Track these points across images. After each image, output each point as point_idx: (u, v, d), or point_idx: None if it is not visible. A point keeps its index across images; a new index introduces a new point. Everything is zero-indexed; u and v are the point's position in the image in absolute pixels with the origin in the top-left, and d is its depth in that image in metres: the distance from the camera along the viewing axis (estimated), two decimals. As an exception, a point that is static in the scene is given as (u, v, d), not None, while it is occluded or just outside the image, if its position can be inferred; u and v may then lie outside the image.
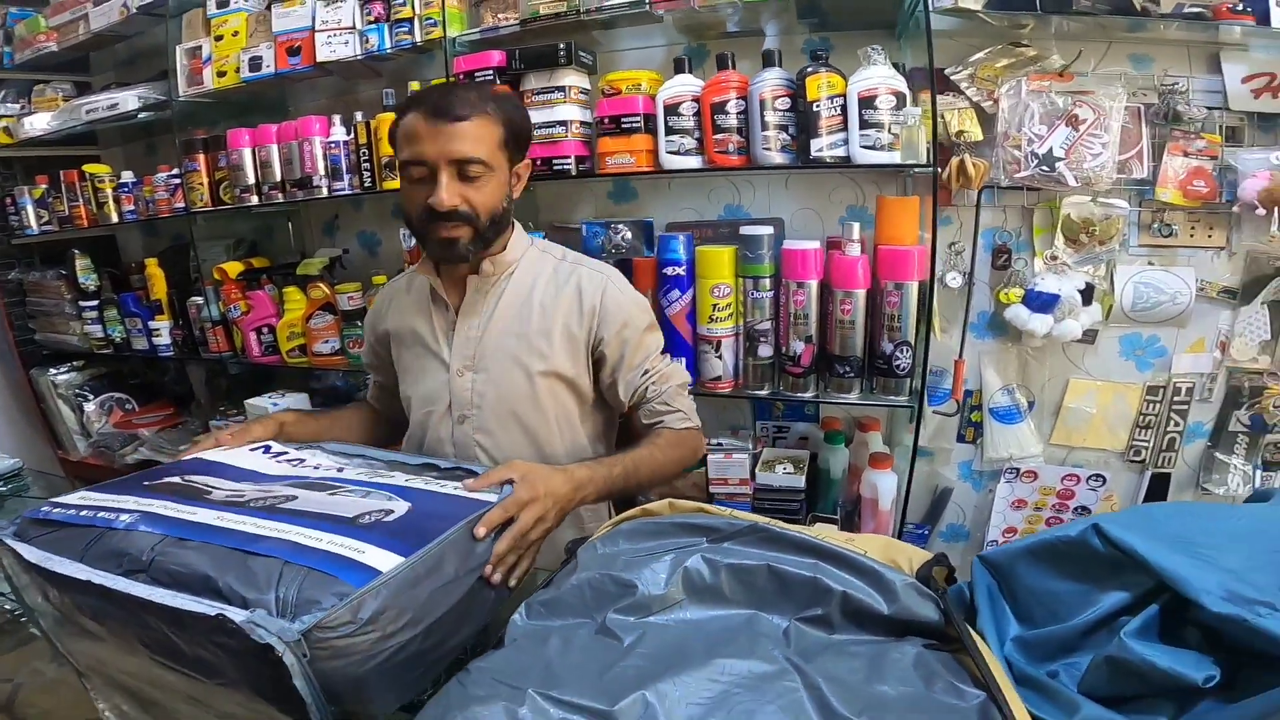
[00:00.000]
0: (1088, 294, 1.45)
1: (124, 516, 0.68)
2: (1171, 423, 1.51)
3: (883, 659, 0.60)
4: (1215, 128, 1.39)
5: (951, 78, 1.48)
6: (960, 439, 1.68)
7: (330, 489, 0.79)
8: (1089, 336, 1.51)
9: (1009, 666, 0.64)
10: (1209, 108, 1.40)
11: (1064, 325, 1.44)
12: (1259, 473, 1.47)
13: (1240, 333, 1.43)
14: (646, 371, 1.11)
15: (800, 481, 1.54)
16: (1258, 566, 0.60)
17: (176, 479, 0.81)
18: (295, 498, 0.75)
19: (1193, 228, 1.43)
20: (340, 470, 0.86)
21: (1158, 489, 1.55)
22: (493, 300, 1.11)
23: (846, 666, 0.59)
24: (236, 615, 0.54)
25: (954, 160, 1.45)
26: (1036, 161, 1.41)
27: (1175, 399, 1.50)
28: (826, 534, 0.73)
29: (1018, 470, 1.63)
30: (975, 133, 1.46)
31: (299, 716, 0.56)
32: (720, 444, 1.59)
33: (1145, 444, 1.54)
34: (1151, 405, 1.52)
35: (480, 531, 0.73)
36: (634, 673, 0.57)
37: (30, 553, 0.67)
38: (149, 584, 0.60)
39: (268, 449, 0.95)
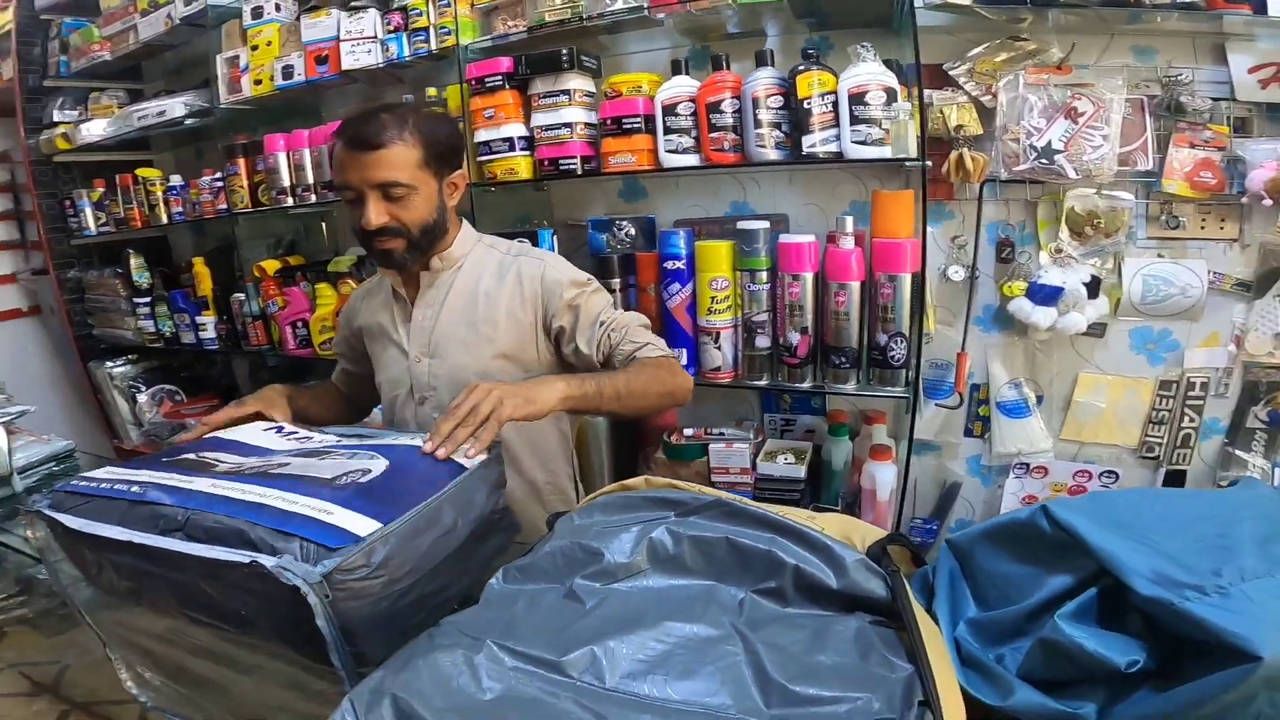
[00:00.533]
0: (1094, 287, 1.42)
1: (135, 488, 0.76)
2: (1186, 419, 1.47)
3: (826, 631, 0.62)
4: (1222, 119, 1.35)
5: (950, 73, 1.47)
6: (968, 433, 1.67)
7: (322, 455, 0.85)
8: (1097, 330, 1.48)
9: (957, 648, 0.65)
10: (1215, 99, 1.36)
11: (1068, 318, 1.42)
12: (1277, 469, 1.42)
13: (1255, 326, 1.38)
14: (603, 323, 1.16)
15: (800, 472, 1.56)
16: (1198, 550, 0.60)
17: (191, 455, 0.89)
18: (288, 464, 0.81)
19: (1203, 220, 1.40)
20: (339, 439, 0.93)
21: (1173, 486, 1.51)
22: (443, 292, 1.21)
23: (791, 637, 0.61)
24: (267, 561, 0.60)
25: (953, 154, 1.45)
26: (1035, 154, 1.39)
27: (1189, 394, 1.46)
28: (790, 512, 0.76)
29: (1027, 465, 1.60)
30: (974, 127, 1.46)
31: (319, 658, 0.62)
32: (722, 434, 1.62)
33: (1159, 440, 1.50)
34: (1164, 401, 1.48)
35: (427, 446, 0.82)
36: (588, 631, 0.61)
37: (73, 521, 0.72)
38: (185, 541, 0.67)
39: (280, 429, 1.03)
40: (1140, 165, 1.39)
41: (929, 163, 1.37)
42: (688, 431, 1.64)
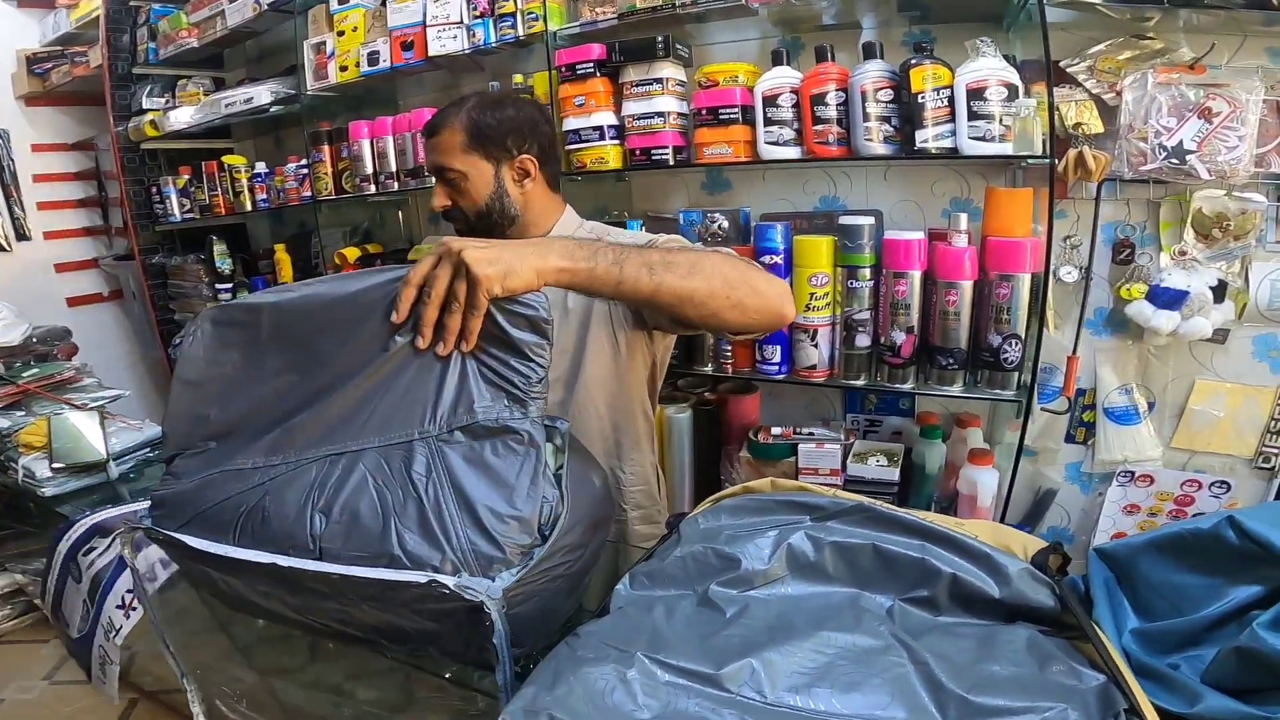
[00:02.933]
0: (1220, 291, 1.36)
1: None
2: (1309, 429, 1.40)
3: (993, 640, 0.59)
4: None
5: (1068, 70, 1.42)
6: (1069, 439, 1.61)
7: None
8: (1219, 336, 1.42)
9: (1126, 658, 0.63)
10: None
11: (1192, 323, 1.36)
12: None
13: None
14: (652, 243, 1.01)
15: (894, 474, 1.52)
16: None
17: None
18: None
19: (1343, 222, 1.32)
20: None
21: (1291, 499, 1.44)
22: None
23: (954, 646, 0.58)
24: (448, 580, 0.58)
25: (1071, 152, 1.39)
26: (1165, 154, 1.33)
27: (1315, 405, 1.39)
28: (934, 518, 0.72)
29: (1132, 474, 1.54)
30: (1095, 125, 1.40)
31: (480, 664, 0.60)
32: (812, 433, 1.59)
33: (1276, 450, 1.43)
34: (1287, 410, 1.41)
35: (395, 317, 0.70)
36: (738, 641, 0.59)
37: (200, 543, 0.68)
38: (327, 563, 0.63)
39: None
40: (1274, 167, 1.32)
41: (1056, 161, 1.32)
42: (775, 430, 1.61)
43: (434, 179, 1.16)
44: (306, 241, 2.23)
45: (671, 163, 1.58)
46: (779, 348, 1.53)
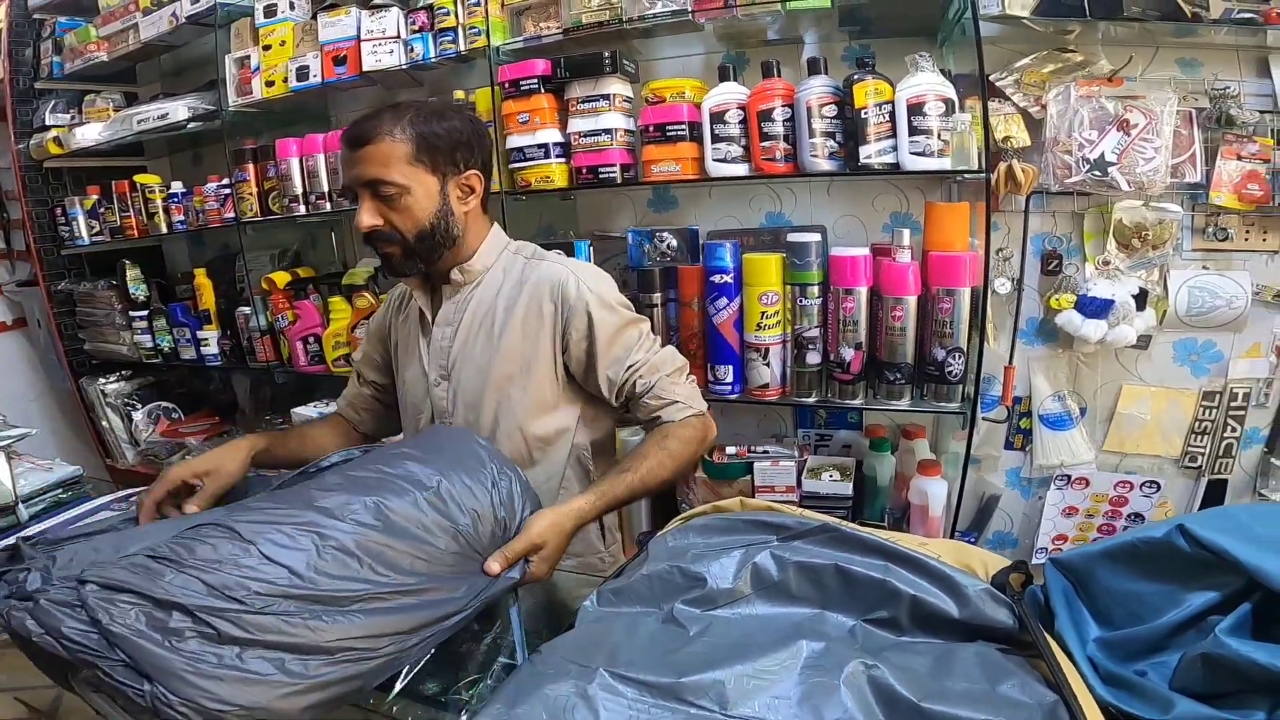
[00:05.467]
0: (1141, 299, 1.43)
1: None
2: (1228, 428, 1.49)
3: (950, 657, 0.60)
4: (1267, 131, 1.37)
5: (997, 84, 1.47)
6: (1009, 446, 1.67)
7: None
8: (1143, 342, 1.49)
9: (1094, 667, 0.64)
10: (1260, 111, 1.38)
11: (1118, 331, 1.43)
12: (1319, 480, 1.44)
13: (1300, 337, 1.40)
14: (630, 366, 1.08)
15: (848, 489, 1.53)
16: None
17: None
18: None
19: (1247, 231, 1.41)
20: None
21: (1214, 495, 1.53)
22: (463, 309, 1.12)
23: (912, 662, 0.59)
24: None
25: (1002, 166, 1.44)
26: (1088, 166, 1.39)
27: (1231, 404, 1.48)
28: (898, 538, 0.74)
29: (1068, 477, 1.60)
30: (1022, 138, 1.45)
31: None
32: (767, 451, 1.59)
33: (1201, 450, 1.52)
34: (1207, 411, 1.49)
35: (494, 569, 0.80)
36: (700, 658, 0.59)
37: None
38: None
39: None
40: (1189, 177, 1.40)
41: (991, 175, 1.36)
42: (730, 450, 1.60)
43: (359, 195, 1.03)
44: (230, 265, 2.11)
45: (619, 181, 1.57)
46: (731, 368, 1.53)
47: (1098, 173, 1.39)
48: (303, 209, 1.85)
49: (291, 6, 1.85)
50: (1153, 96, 1.37)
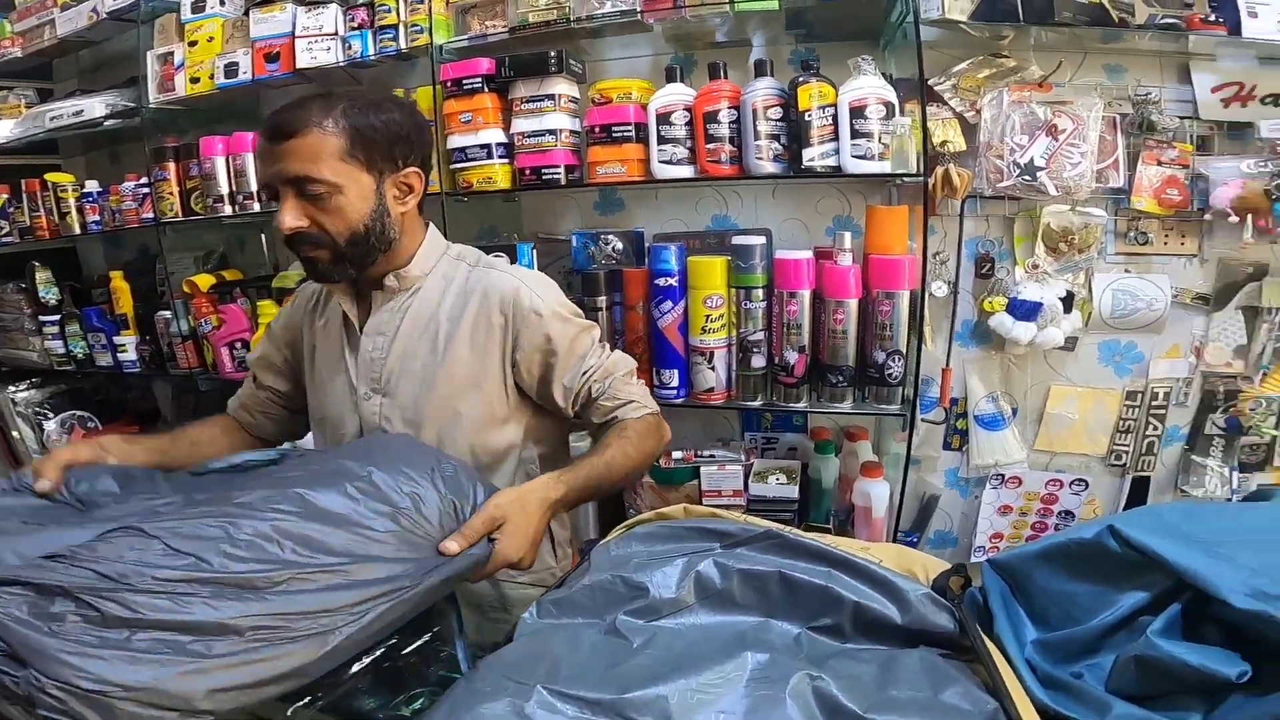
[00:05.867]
0: (1068, 302, 1.48)
1: None
2: (1150, 427, 1.55)
3: (893, 664, 0.60)
4: (1186, 137, 1.44)
5: (935, 88, 1.50)
6: (947, 446, 1.71)
7: None
8: (1069, 344, 1.55)
9: (1032, 669, 0.64)
10: (1180, 117, 1.45)
11: (1046, 333, 1.47)
12: (1235, 474, 1.51)
13: (1214, 338, 1.48)
14: (585, 372, 1.05)
15: (794, 491, 1.54)
16: (1274, 564, 0.61)
17: None
18: None
19: (1166, 235, 1.48)
20: None
21: (1138, 492, 1.59)
22: (398, 318, 1.05)
23: (856, 670, 0.59)
24: None
25: (939, 170, 1.47)
26: (1019, 171, 1.44)
27: (1153, 404, 1.54)
28: (841, 543, 0.74)
29: (1003, 476, 1.65)
30: (959, 143, 1.49)
31: None
32: (714, 456, 1.59)
33: (1125, 448, 1.58)
34: (1130, 410, 1.56)
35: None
36: (643, 671, 0.57)
37: None
38: None
39: None
40: (1112, 182, 1.45)
41: (928, 179, 1.39)
42: (676, 454, 1.59)
43: (281, 193, 0.93)
44: (150, 268, 2.00)
45: (564, 182, 1.54)
46: (677, 372, 1.52)
47: (1027, 177, 1.43)
48: (228, 209, 1.77)
49: (222, 2, 1.78)
50: (1080, 102, 1.42)
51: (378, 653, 0.69)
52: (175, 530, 0.62)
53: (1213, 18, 1.33)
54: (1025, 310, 1.48)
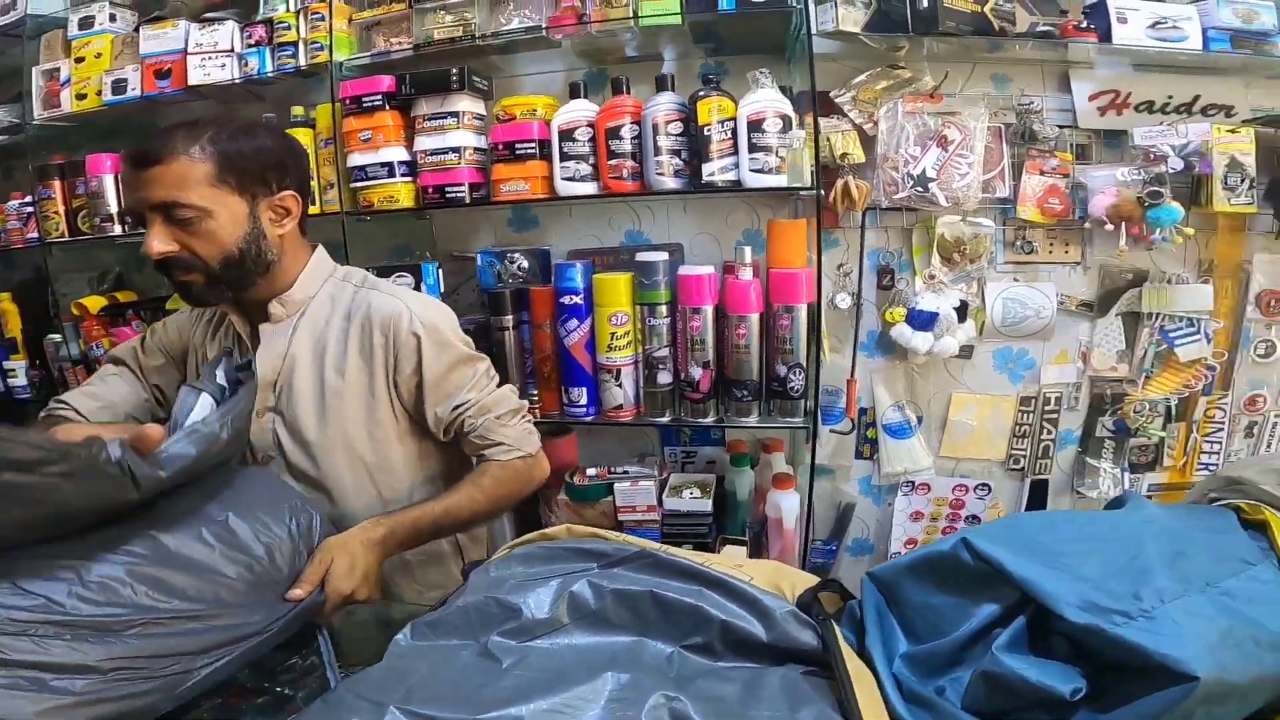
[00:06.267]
0: (962, 311, 1.53)
1: None
2: (1044, 431, 1.61)
3: (758, 683, 0.61)
4: (1067, 146, 1.49)
5: (836, 100, 1.53)
6: (859, 455, 1.74)
7: None
8: (966, 352, 1.60)
9: (898, 685, 0.64)
10: (1060, 126, 1.50)
11: (943, 342, 1.52)
12: (1126, 475, 1.58)
13: (1099, 343, 1.54)
14: (459, 406, 1.06)
15: (707, 505, 1.54)
16: (1113, 574, 0.62)
17: None
18: None
19: (1051, 244, 1.54)
20: None
21: (1038, 495, 1.65)
22: (287, 340, 1.06)
23: (722, 691, 0.59)
24: None
25: (839, 183, 1.51)
26: (912, 182, 1.47)
27: (1046, 408, 1.60)
28: (717, 560, 0.74)
29: (913, 483, 1.69)
30: (858, 155, 1.51)
31: None
32: (627, 472, 1.58)
33: (1023, 452, 1.63)
34: (1025, 415, 1.61)
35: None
36: (506, 692, 0.57)
37: None
38: None
39: None
40: (999, 192, 1.50)
41: (823, 191, 1.42)
42: (590, 471, 1.58)
43: (148, 218, 0.93)
44: (44, 289, 1.90)
45: (468, 200, 1.53)
46: (585, 390, 1.51)
47: (920, 188, 1.47)
48: (117, 228, 1.70)
49: (112, 19, 1.73)
50: (967, 113, 1.46)
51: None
52: (22, 573, 0.61)
53: (1085, 25, 1.38)
54: (922, 320, 1.52)
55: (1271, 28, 1.35)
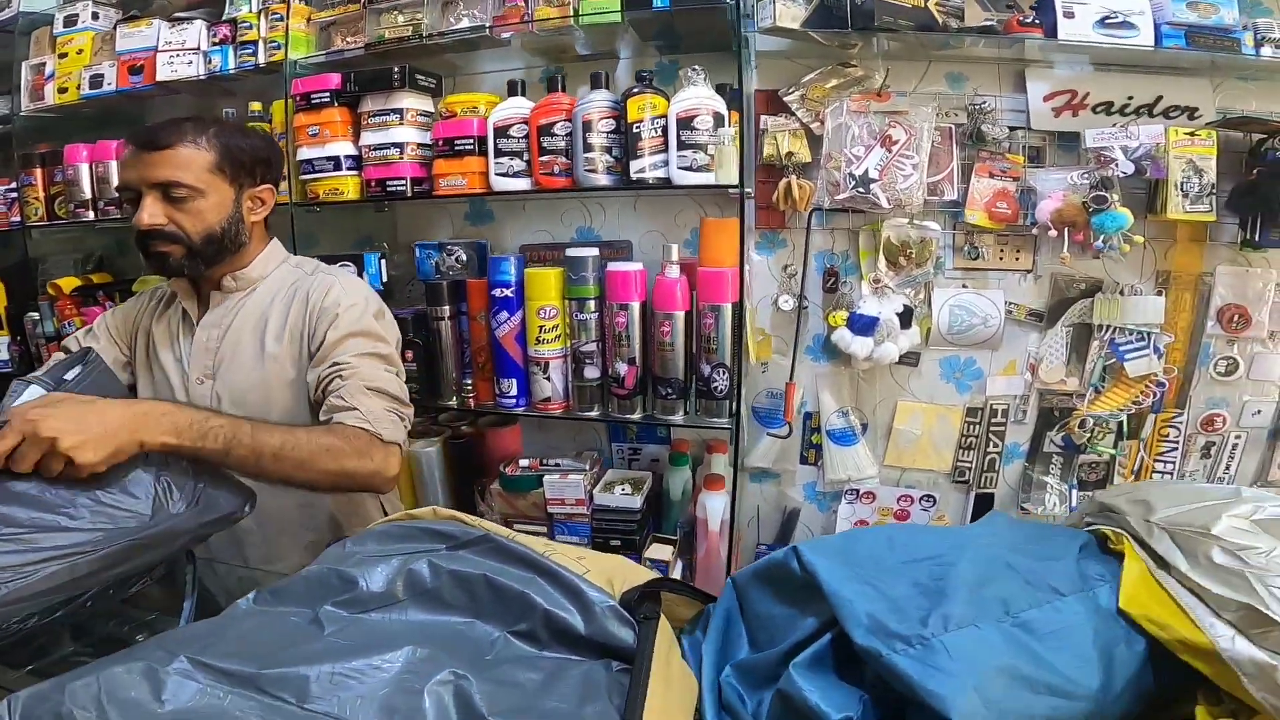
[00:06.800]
0: (906, 317, 1.48)
1: None
2: (991, 443, 1.55)
3: (560, 674, 0.60)
4: (1019, 148, 1.43)
5: (784, 99, 1.50)
6: (803, 461, 1.70)
7: None
8: (912, 359, 1.54)
9: (719, 693, 0.63)
10: (1013, 127, 1.43)
11: (883, 348, 1.47)
12: (1074, 492, 1.50)
13: (1046, 355, 1.47)
14: (337, 364, 1.07)
15: (636, 502, 1.53)
16: (917, 595, 0.60)
17: None
18: None
19: (1001, 250, 1.48)
20: None
21: (983, 508, 1.58)
22: (233, 313, 1.18)
23: (526, 677, 0.59)
24: None
25: (783, 182, 1.48)
26: (854, 183, 1.43)
27: (992, 420, 1.54)
28: (560, 551, 0.74)
29: (857, 491, 1.64)
30: (804, 154, 1.49)
31: None
32: (558, 464, 1.58)
33: (969, 465, 1.57)
34: (971, 427, 1.55)
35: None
36: (308, 655, 0.58)
37: None
38: None
39: None
40: (947, 195, 1.44)
41: (749, 190, 1.39)
42: (523, 463, 1.59)
43: (144, 194, 1.06)
44: (33, 269, 2.01)
45: (409, 194, 1.55)
46: (515, 381, 1.52)
47: (862, 189, 1.42)
48: (91, 214, 1.79)
49: (95, 17, 1.82)
50: (914, 113, 1.41)
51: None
52: None
53: (1031, 19, 1.32)
54: (862, 325, 1.48)
55: (1233, 23, 1.26)
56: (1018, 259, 1.48)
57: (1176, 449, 1.47)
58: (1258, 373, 1.45)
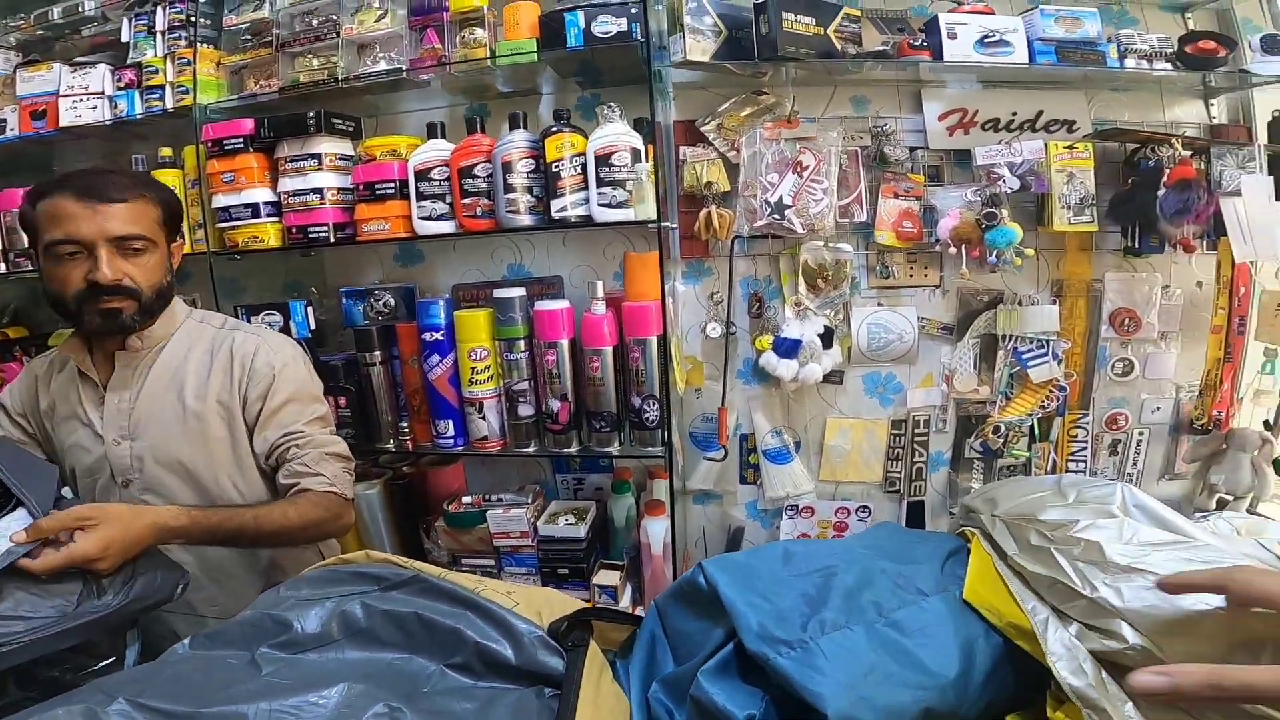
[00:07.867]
0: (828, 337, 1.54)
1: None
2: (916, 453, 1.62)
3: (494, 702, 0.63)
4: (919, 168, 1.49)
5: (701, 129, 1.54)
6: (743, 480, 1.74)
7: None
8: (837, 377, 1.60)
9: (647, 709, 0.66)
10: (913, 148, 1.50)
11: (808, 369, 1.52)
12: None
13: (958, 367, 1.55)
14: (290, 433, 1.13)
15: (580, 531, 1.55)
16: (802, 603, 0.65)
17: None
18: None
19: (910, 268, 1.55)
20: None
21: (915, 516, 1.65)
22: (143, 373, 1.15)
23: (457, 708, 0.61)
24: None
25: (703, 212, 1.52)
26: (770, 209, 1.48)
27: (916, 431, 1.61)
28: (491, 587, 0.76)
29: (796, 507, 1.69)
30: (723, 183, 1.53)
31: None
32: (500, 499, 1.59)
33: (898, 474, 1.64)
34: (897, 439, 1.62)
35: (34, 567, 0.81)
36: (246, 694, 0.59)
37: None
38: None
39: None
40: (858, 217, 1.50)
41: (671, 223, 1.42)
42: (466, 499, 1.59)
43: (98, 249, 1.03)
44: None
45: (331, 240, 1.54)
46: (451, 422, 1.52)
47: (777, 216, 1.47)
48: (2, 266, 1.71)
49: (-6, 61, 1.74)
50: (822, 138, 1.46)
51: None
52: None
53: (921, 42, 1.38)
54: (787, 348, 1.53)
55: (1097, 35, 1.35)
56: (926, 275, 1.55)
57: (1086, 448, 1.56)
58: (1152, 372, 1.55)
